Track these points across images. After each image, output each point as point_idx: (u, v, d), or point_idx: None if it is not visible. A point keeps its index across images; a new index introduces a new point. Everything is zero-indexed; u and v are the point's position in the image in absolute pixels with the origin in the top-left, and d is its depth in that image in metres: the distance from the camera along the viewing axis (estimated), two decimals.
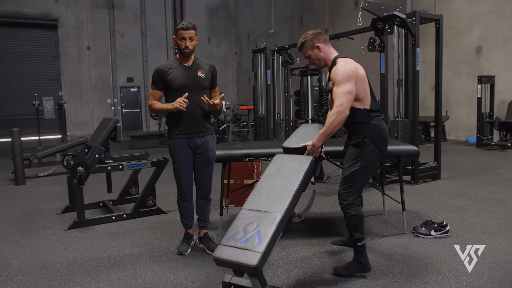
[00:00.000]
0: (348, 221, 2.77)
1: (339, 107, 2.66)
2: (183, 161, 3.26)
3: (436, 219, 3.78)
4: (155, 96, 3.25)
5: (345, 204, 2.77)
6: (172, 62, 3.26)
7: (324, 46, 2.90)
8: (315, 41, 2.88)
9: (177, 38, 3.16)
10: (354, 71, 2.75)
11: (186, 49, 3.14)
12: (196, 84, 3.22)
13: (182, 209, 3.43)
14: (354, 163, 2.78)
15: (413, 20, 5.62)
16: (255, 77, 10.65)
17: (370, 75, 3.02)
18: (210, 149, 3.33)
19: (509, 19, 9.54)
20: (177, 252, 3.38)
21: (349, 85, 2.69)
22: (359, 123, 2.80)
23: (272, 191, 2.55)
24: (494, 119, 8.95)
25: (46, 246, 3.66)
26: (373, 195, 4.96)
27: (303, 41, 2.92)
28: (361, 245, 2.78)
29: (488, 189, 5.19)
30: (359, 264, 2.80)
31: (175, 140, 3.24)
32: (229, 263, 2.19)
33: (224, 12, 19.48)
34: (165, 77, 3.18)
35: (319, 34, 2.91)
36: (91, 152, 4.19)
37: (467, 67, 10.50)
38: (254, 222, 2.32)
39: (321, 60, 2.91)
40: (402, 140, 5.64)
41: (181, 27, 3.13)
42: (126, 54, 16.81)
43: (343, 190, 2.80)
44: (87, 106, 16.19)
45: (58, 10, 15.41)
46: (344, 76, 2.70)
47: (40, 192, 6.03)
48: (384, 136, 2.86)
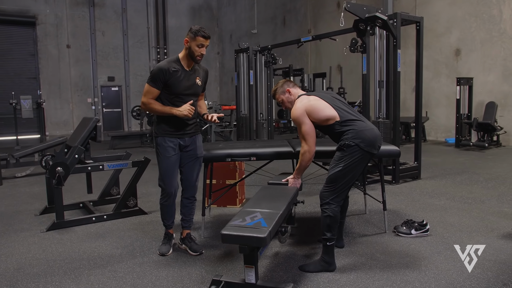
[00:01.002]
0: (323, 220, 2.89)
1: (304, 148, 3.07)
2: (171, 159, 3.21)
3: (416, 218, 3.84)
4: (152, 94, 3.13)
5: (323, 203, 2.91)
6: (174, 64, 3.13)
7: (293, 89, 3.26)
8: (285, 87, 3.26)
9: (193, 43, 3.06)
10: (304, 110, 3.03)
11: (201, 56, 3.10)
12: (193, 91, 3.23)
13: (165, 209, 3.35)
14: (337, 165, 2.92)
15: (395, 22, 5.69)
16: (237, 77, 10.63)
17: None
18: (198, 147, 3.32)
19: (486, 22, 9.77)
20: (158, 253, 3.33)
21: (304, 126, 3.03)
22: (339, 134, 2.99)
23: (267, 203, 2.82)
24: (472, 120, 9.15)
25: (24, 248, 3.57)
26: (355, 195, 5.00)
27: (276, 88, 3.30)
28: (331, 245, 2.89)
29: (467, 189, 5.30)
30: (325, 263, 2.91)
31: (166, 139, 3.19)
32: (238, 237, 2.35)
33: (206, 11, 19.40)
34: (169, 79, 3.08)
35: (288, 81, 3.35)
36: (71, 152, 4.11)
37: (447, 69, 10.71)
38: (257, 214, 2.57)
39: (292, 101, 3.22)
40: (383, 141, 5.70)
41: (203, 35, 3.06)
42: (107, 53, 16.58)
43: (324, 189, 2.94)
44: (67, 106, 15.90)
45: (37, 7, 15.09)
46: (298, 118, 3.04)
47: (18, 193, 5.89)
48: (365, 137, 2.91)
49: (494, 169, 6.63)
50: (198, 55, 3.09)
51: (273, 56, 10.05)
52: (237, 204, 4.71)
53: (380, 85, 6.03)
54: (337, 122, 2.98)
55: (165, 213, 3.37)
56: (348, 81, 12.48)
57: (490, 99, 9.50)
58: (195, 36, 3.06)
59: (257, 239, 2.30)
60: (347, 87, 12.19)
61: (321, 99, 3.08)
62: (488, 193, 5.06)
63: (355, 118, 3.01)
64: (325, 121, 3.01)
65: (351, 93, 11.97)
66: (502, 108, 9.42)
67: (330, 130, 3.04)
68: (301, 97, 3.16)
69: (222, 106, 12.34)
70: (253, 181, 5.63)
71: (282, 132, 14.45)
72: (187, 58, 3.16)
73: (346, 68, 12.56)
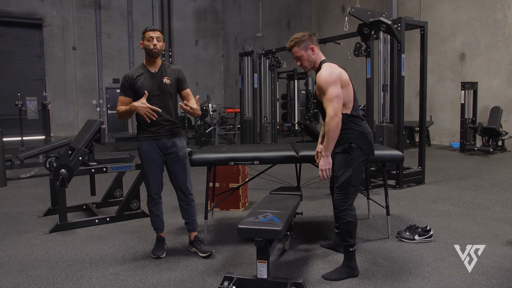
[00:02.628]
0: (343, 227, 2.82)
1: (331, 113, 2.72)
2: (151, 161, 3.27)
3: (420, 223, 3.82)
4: (124, 103, 3.25)
5: (341, 210, 2.83)
6: (139, 69, 3.29)
7: (317, 49, 2.94)
8: (309, 43, 2.89)
9: (144, 40, 3.21)
10: (338, 76, 2.79)
11: (154, 48, 3.18)
12: (163, 91, 3.26)
13: (151, 212, 3.40)
14: (346, 170, 2.83)
15: (399, 26, 5.68)
16: (242, 80, 10.65)
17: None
18: (179, 148, 3.32)
19: (491, 27, 9.73)
20: (152, 256, 3.34)
21: (336, 89, 2.74)
22: (342, 129, 2.81)
23: (274, 207, 2.98)
24: (477, 125, 9.10)
25: (27, 250, 3.59)
26: (358, 199, 4.97)
27: (297, 40, 2.89)
28: (353, 251, 2.84)
29: (471, 194, 5.27)
30: (349, 269, 2.86)
31: (143, 142, 3.27)
32: (254, 231, 2.55)
33: (212, 14, 19.46)
34: (133, 84, 3.21)
35: (312, 37, 2.94)
36: (75, 154, 4.13)
37: (451, 73, 10.67)
38: (268, 214, 2.78)
39: (312, 62, 2.93)
40: (387, 145, 5.69)
41: (149, 29, 3.24)
42: (113, 55, 16.67)
43: (340, 196, 2.85)
44: (72, 107, 15.98)
45: (44, 10, 15.20)
46: (330, 81, 2.74)
47: (22, 194, 5.92)
48: (369, 140, 2.90)
49: (499, 174, 6.58)
50: (152, 48, 3.18)
51: (277, 59, 10.06)
52: (240, 208, 4.71)
53: (384, 89, 6.02)
54: (346, 115, 2.83)
55: (152, 215, 3.41)
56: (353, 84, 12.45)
57: (495, 103, 9.46)
58: (143, 34, 3.24)
59: (272, 232, 2.52)
60: None
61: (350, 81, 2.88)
62: (493, 198, 5.03)
63: (361, 119, 2.93)
64: (342, 106, 2.79)
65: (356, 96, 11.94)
66: (507, 113, 9.37)
67: None
68: (332, 64, 2.87)
69: (226, 109, 12.35)
70: (257, 185, 5.62)
71: (286, 135, 14.45)
72: (149, 59, 3.26)
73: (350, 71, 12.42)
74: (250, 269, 3.03)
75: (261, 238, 2.53)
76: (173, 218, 4.38)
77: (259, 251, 2.58)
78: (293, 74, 13.59)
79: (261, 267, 2.58)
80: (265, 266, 2.57)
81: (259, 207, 2.99)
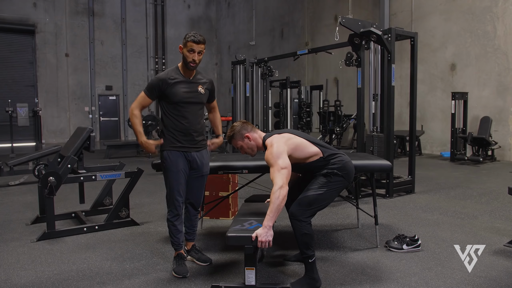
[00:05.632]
0: (300, 239, 2.79)
1: (279, 182, 2.64)
2: (180, 172, 3.10)
3: (408, 233, 3.83)
4: (144, 103, 3.14)
5: (295, 219, 2.79)
6: (174, 73, 3.10)
7: (253, 134, 3.03)
8: (243, 132, 3.02)
9: (184, 49, 3.02)
10: (284, 148, 2.81)
11: (193, 62, 3.02)
12: (197, 100, 3.16)
13: (175, 227, 3.16)
14: (319, 188, 2.87)
15: (389, 37, 5.75)
16: (234, 89, 10.68)
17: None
18: (205, 164, 3.26)
19: (481, 38, 9.87)
20: (176, 275, 3.08)
21: (281, 161, 2.72)
22: (322, 167, 2.92)
23: (254, 214, 2.98)
24: (467, 135, 9.19)
25: (13, 258, 3.54)
26: (348, 208, 5.00)
27: (232, 134, 3.04)
28: (312, 261, 2.83)
29: (460, 204, 5.30)
30: (311, 280, 2.84)
31: (172, 152, 3.10)
32: (243, 238, 2.57)
33: (205, 23, 19.55)
34: (166, 89, 3.05)
35: (245, 124, 3.06)
36: (63, 162, 4.11)
37: (442, 83, 10.79)
38: (252, 221, 2.81)
39: (253, 147, 3.05)
40: (377, 154, 5.72)
41: (193, 39, 2.98)
42: (106, 62, 16.65)
43: (300, 208, 2.81)
44: (64, 114, 15.91)
45: (36, 16, 15.19)
46: (278, 155, 2.74)
47: (10, 201, 5.86)
48: (350, 169, 2.98)
49: (488, 184, 6.64)
50: (190, 61, 3.01)
51: (269, 68, 10.12)
52: (230, 216, 4.70)
53: (375, 98, 6.07)
54: (321, 158, 2.92)
55: (175, 231, 3.18)
56: (345, 93, 12.56)
57: (484, 113, 9.57)
58: (186, 41, 3.02)
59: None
60: (344, 99, 12.27)
61: (296, 136, 2.96)
62: (481, 208, 5.06)
63: (336, 152, 3.00)
64: (309, 158, 2.92)
65: (348, 105, 12.05)
66: (496, 122, 9.48)
67: (312, 166, 2.94)
68: (273, 136, 2.93)
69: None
70: (247, 194, 5.61)
71: None
72: (185, 67, 3.10)
73: (342, 80, 12.65)
74: (237, 278, 3.02)
75: (251, 245, 2.55)
76: (162, 227, 4.35)
77: (247, 258, 2.60)
78: (286, 82, 13.64)
79: (249, 274, 2.61)
80: (253, 273, 2.61)
81: (241, 215, 3.00)
